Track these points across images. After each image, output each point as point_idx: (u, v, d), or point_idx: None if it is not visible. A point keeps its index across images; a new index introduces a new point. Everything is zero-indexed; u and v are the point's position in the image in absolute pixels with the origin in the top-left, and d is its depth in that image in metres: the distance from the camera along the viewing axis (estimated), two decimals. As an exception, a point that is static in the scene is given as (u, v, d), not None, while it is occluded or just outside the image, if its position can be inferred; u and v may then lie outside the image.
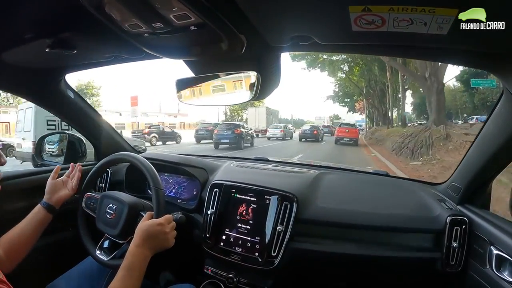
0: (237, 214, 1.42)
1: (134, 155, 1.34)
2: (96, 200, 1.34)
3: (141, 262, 1.05)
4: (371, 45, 0.99)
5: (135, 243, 1.07)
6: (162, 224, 1.13)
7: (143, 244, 1.07)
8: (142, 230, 1.11)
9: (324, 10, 0.74)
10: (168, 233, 1.14)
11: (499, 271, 1.06)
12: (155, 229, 1.12)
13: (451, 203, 1.39)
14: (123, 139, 2.09)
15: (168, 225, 1.16)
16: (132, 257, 1.04)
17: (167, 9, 0.73)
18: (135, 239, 1.09)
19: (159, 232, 1.12)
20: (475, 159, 1.26)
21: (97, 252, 1.30)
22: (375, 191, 1.59)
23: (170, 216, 1.20)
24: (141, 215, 1.22)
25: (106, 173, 1.83)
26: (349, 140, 21.31)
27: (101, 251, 1.31)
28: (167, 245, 1.15)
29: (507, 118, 1.03)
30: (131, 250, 1.06)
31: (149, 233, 1.10)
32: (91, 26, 0.93)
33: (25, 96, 1.57)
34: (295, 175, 1.67)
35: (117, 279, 0.99)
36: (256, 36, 0.90)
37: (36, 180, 1.60)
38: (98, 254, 1.29)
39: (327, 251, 1.32)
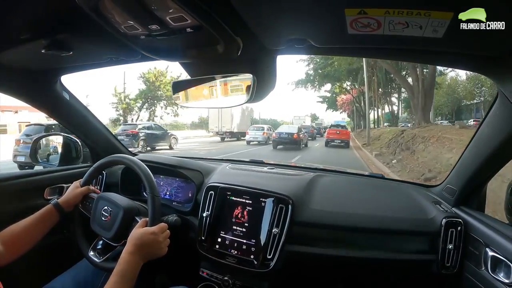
0: (233, 217, 1.41)
1: (130, 157, 1.33)
2: (92, 200, 1.33)
3: (133, 269, 1.05)
4: (367, 48, 0.99)
5: (128, 251, 1.07)
6: (155, 234, 1.13)
7: (135, 252, 1.07)
8: (135, 238, 1.10)
9: (320, 13, 0.75)
10: (161, 243, 1.14)
11: (495, 273, 1.07)
12: (149, 238, 1.11)
13: (446, 205, 1.40)
14: (119, 141, 2.08)
15: (162, 234, 1.16)
16: (124, 264, 1.04)
17: (163, 11, 0.73)
18: (128, 246, 1.08)
19: (152, 241, 1.12)
20: (470, 161, 1.26)
21: (90, 253, 1.29)
22: (370, 193, 1.59)
23: (165, 225, 1.19)
24: (136, 220, 1.21)
25: (101, 175, 1.82)
26: (340, 142, 20.01)
27: (94, 252, 1.30)
28: (159, 253, 1.15)
29: (502, 121, 1.03)
30: (123, 257, 1.05)
31: (142, 241, 1.10)
32: (87, 28, 0.93)
33: (20, 97, 1.56)
34: (290, 177, 1.67)
35: (109, 284, 0.99)
36: (252, 38, 0.90)
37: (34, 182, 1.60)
38: (91, 255, 1.28)
39: (322, 253, 1.32)
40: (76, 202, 1.33)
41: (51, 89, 1.55)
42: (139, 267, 1.07)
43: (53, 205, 1.26)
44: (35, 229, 1.20)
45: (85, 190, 1.35)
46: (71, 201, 1.31)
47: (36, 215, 1.22)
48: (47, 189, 1.70)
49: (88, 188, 1.37)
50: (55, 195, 1.73)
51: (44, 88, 1.53)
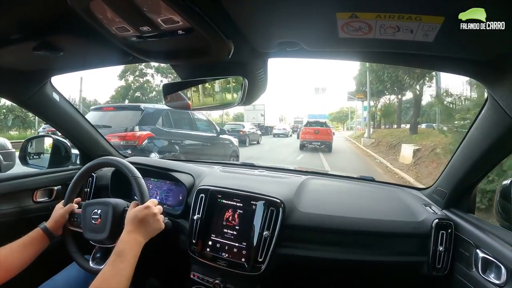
0: (224, 220, 1.41)
1: (118, 159, 1.32)
2: (78, 215, 1.31)
3: (133, 248, 1.03)
4: (358, 52, 0.99)
5: (126, 230, 1.07)
6: (149, 207, 1.13)
7: (134, 230, 1.07)
8: (131, 217, 1.10)
9: (311, 16, 0.75)
10: (156, 214, 1.15)
11: (485, 274, 1.08)
12: (143, 212, 1.11)
13: (437, 207, 1.41)
14: (109, 144, 2.07)
15: (155, 207, 1.16)
16: (123, 244, 1.03)
17: (155, 13, 0.73)
18: (126, 227, 1.08)
19: (148, 215, 1.12)
20: (460, 164, 1.28)
21: (91, 263, 1.27)
22: (361, 196, 1.60)
23: (155, 200, 1.20)
24: (126, 210, 1.21)
25: (91, 178, 1.81)
26: (320, 144, 16.08)
27: (94, 262, 1.28)
28: (158, 226, 1.15)
29: (491, 124, 1.04)
30: (122, 237, 1.05)
31: (139, 218, 1.10)
32: (78, 29, 0.93)
33: (9, 97, 1.54)
34: (281, 180, 1.67)
35: (108, 263, 0.98)
36: (243, 41, 0.90)
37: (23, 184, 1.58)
38: (92, 266, 1.26)
39: (314, 256, 1.32)
40: (64, 222, 1.31)
41: (41, 90, 1.53)
42: (140, 247, 1.06)
43: (42, 229, 1.24)
44: (24, 253, 1.17)
45: (69, 207, 1.33)
46: (59, 223, 1.29)
47: (24, 239, 1.19)
48: (37, 192, 1.68)
49: (72, 205, 1.34)
50: (44, 197, 1.72)
51: (34, 89, 1.51)
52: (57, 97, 1.64)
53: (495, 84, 0.93)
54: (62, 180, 1.80)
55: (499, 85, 0.91)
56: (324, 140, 16.16)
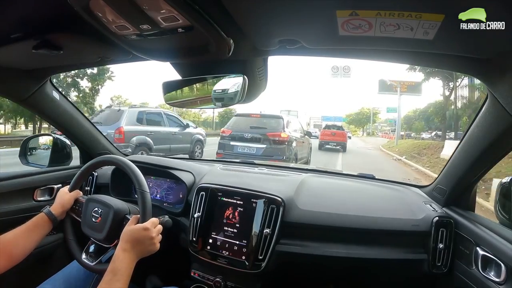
0: (224, 218, 1.41)
1: (119, 157, 1.32)
2: (81, 204, 1.31)
3: (128, 267, 1.03)
4: (359, 50, 0.99)
5: (121, 247, 1.06)
6: (148, 229, 1.12)
7: (129, 249, 1.06)
8: (128, 234, 1.09)
9: (311, 14, 0.75)
10: (154, 238, 1.13)
11: (485, 272, 1.08)
12: (141, 234, 1.10)
13: (437, 205, 1.41)
14: (109, 142, 2.07)
15: (154, 229, 1.14)
16: (118, 262, 1.02)
17: (155, 11, 0.73)
18: (121, 243, 1.07)
19: (145, 237, 1.11)
20: (460, 162, 1.28)
21: (83, 257, 1.27)
22: (361, 194, 1.60)
23: (156, 219, 1.18)
24: (127, 218, 1.20)
25: (91, 176, 1.81)
26: (336, 145, 18.52)
27: (87, 256, 1.28)
28: (153, 249, 1.13)
29: (492, 122, 1.04)
30: (117, 254, 1.04)
31: (135, 238, 1.09)
32: (78, 27, 0.92)
33: (8, 96, 1.54)
34: (281, 178, 1.67)
35: (104, 281, 0.97)
36: (243, 39, 0.90)
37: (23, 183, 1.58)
38: (84, 259, 1.26)
39: (314, 253, 1.32)
40: (68, 208, 1.30)
41: (40, 89, 1.53)
42: (134, 264, 1.06)
43: (46, 214, 1.23)
44: (28, 239, 1.17)
45: (75, 194, 1.33)
46: (64, 207, 1.28)
47: (28, 224, 1.19)
48: (37, 191, 1.68)
49: (78, 192, 1.35)
50: (45, 196, 1.71)
51: (34, 88, 1.51)
52: (57, 95, 1.64)
53: (495, 82, 0.93)
54: (62, 178, 1.79)
55: (499, 83, 0.91)
56: (339, 141, 18.91)
